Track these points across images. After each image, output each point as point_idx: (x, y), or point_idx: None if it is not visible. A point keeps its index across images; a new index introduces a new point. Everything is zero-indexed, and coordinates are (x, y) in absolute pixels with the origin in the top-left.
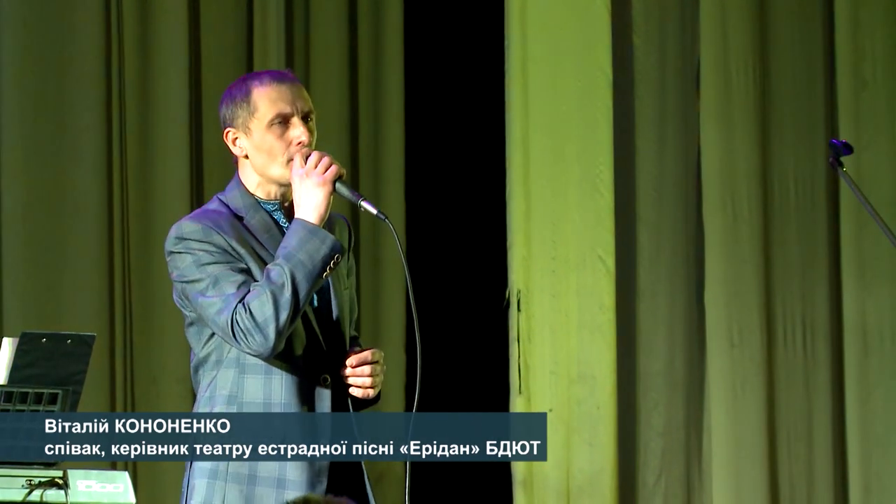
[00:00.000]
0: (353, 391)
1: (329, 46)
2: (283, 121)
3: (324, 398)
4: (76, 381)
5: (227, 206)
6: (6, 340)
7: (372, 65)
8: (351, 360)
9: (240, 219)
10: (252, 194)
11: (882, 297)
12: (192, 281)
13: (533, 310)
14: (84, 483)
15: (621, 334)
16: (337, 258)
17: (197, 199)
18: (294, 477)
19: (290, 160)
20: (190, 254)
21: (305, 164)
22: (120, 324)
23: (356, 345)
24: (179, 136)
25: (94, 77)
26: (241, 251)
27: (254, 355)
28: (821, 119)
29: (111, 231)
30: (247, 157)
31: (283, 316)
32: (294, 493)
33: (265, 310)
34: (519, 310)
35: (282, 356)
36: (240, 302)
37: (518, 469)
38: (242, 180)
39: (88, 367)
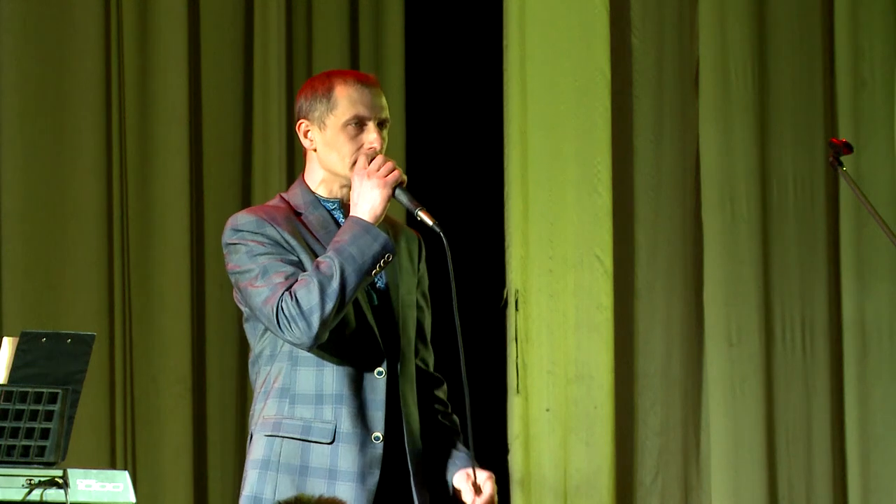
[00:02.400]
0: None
1: (329, 46)
2: (359, 123)
3: (378, 390)
4: (76, 380)
5: (287, 203)
6: (6, 340)
7: (372, 65)
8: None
9: (298, 214)
10: (314, 192)
11: (881, 297)
12: (244, 271)
13: (530, 309)
14: (84, 482)
15: (619, 334)
16: (388, 257)
17: (197, 199)
18: (345, 468)
19: (356, 162)
20: (243, 245)
21: (369, 164)
22: (120, 323)
23: (435, 380)
24: (179, 136)
25: (94, 77)
26: (294, 244)
27: (296, 345)
28: (819, 119)
29: (111, 231)
30: (315, 150)
31: (329, 306)
32: (346, 484)
33: (311, 298)
34: (516, 309)
35: (335, 349)
36: (286, 290)
37: (515, 468)
38: (306, 177)
39: (88, 367)
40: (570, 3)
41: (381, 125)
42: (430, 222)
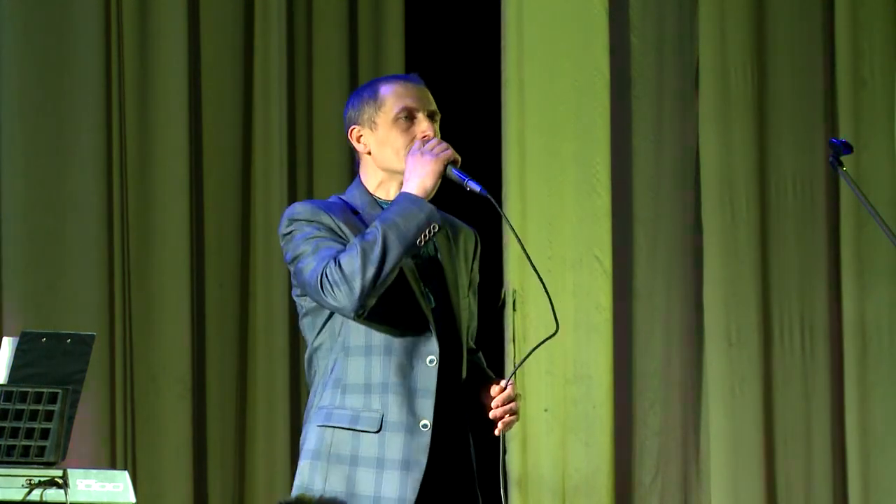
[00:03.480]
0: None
1: (329, 46)
2: (409, 115)
3: (429, 379)
4: (76, 380)
5: (345, 202)
6: (6, 340)
7: (372, 65)
8: (497, 398)
9: (355, 213)
10: (372, 193)
11: (881, 297)
12: (297, 255)
13: (528, 309)
14: (84, 482)
15: (618, 334)
16: (433, 227)
17: (197, 199)
18: (392, 456)
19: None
20: (299, 230)
21: (424, 146)
22: (120, 323)
23: (475, 356)
24: (179, 136)
25: (94, 77)
26: (348, 233)
27: (340, 311)
28: (819, 118)
29: (111, 230)
30: (370, 153)
31: (371, 271)
32: (393, 472)
33: (354, 263)
34: (514, 309)
35: (388, 338)
36: (332, 258)
37: (514, 468)
38: (363, 180)
39: (88, 367)
40: (569, 2)
41: (431, 116)
42: (478, 190)
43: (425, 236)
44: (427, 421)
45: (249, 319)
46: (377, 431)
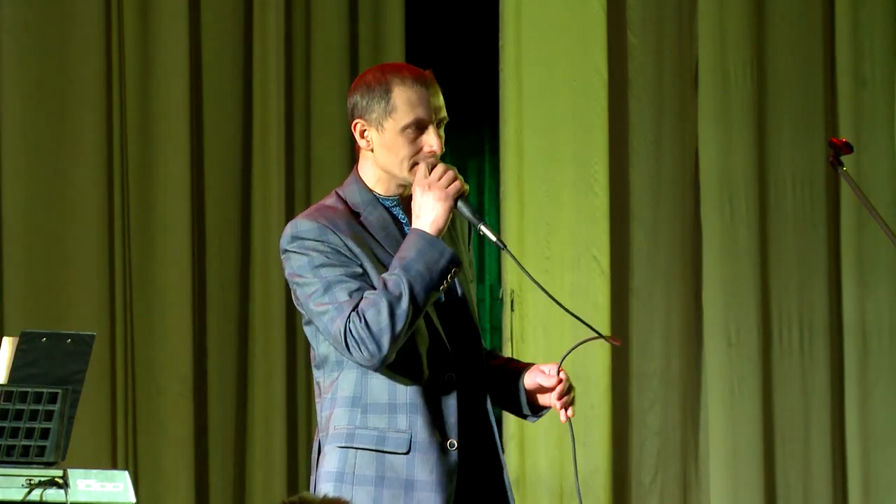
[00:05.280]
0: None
1: (329, 46)
2: (419, 126)
3: (450, 397)
4: (76, 380)
5: (345, 202)
6: (6, 340)
7: (372, 65)
8: (556, 390)
9: (357, 215)
10: (371, 189)
11: (881, 297)
12: (305, 284)
13: (526, 309)
14: (84, 482)
15: (616, 334)
16: (455, 271)
17: (197, 198)
18: (423, 477)
19: (415, 165)
20: (304, 254)
21: (430, 173)
22: (120, 323)
23: (492, 352)
24: (180, 136)
25: (94, 77)
26: (357, 251)
27: (365, 366)
28: (819, 118)
29: (112, 230)
30: (371, 150)
31: (399, 327)
32: (423, 493)
33: (381, 319)
34: (512, 309)
35: (405, 356)
36: (353, 310)
37: (511, 468)
38: (361, 174)
39: (88, 367)
40: (567, 2)
41: (439, 125)
42: (493, 238)
43: (448, 281)
44: (454, 440)
45: (249, 319)
46: (406, 453)
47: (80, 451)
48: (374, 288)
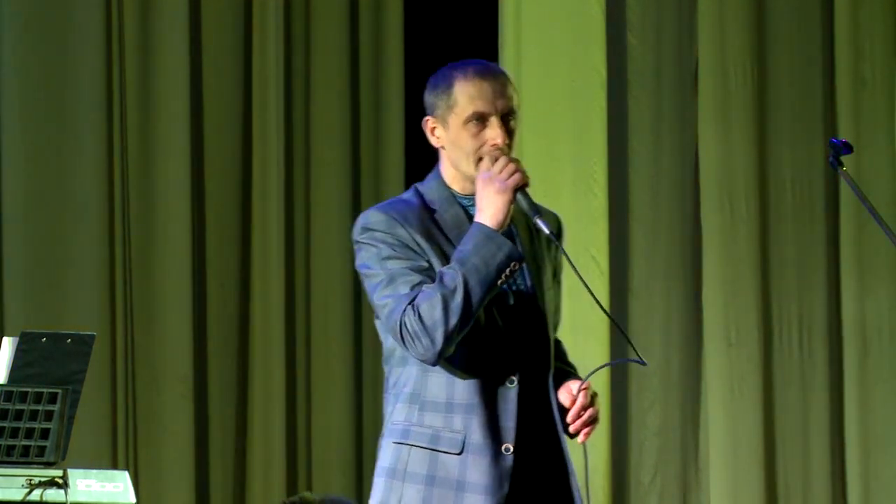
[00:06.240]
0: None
1: (329, 46)
2: (481, 119)
3: (509, 400)
4: (76, 380)
5: (422, 198)
6: (6, 340)
7: (372, 65)
8: (572, 411)
9: (432, 211)
10: (449, 187)
11: (881, 297)
12: (370, 275)
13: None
14: (84, 482)
15: (614, 334)
16: (514, 265)
17: (198, 199)
18: (474, 480)
19: (481, 159)
20: (373, 245)
21: (493, 166)
22: (121, 323)
23: (559, 348)
24: (180, 136)
25: (94, 77)
26: (425, 246)
27: (421, 360)
28: (819, 118)
29: (112, 230)
30: (443, 148)
31: (453, 321)
32: (473, 496)
33: (434, 314)
34: None
35: (466, 355)
36: (410, 304)
37: None
38: (441, 171)
39: (89, 367)
40: (566, 3)
41: (505, 117)
42: (546, 231)
43: (506, 276)
44: (509, 445)
45: (250, 319)
46: (459, 453)
47: (80, 451)
48: None
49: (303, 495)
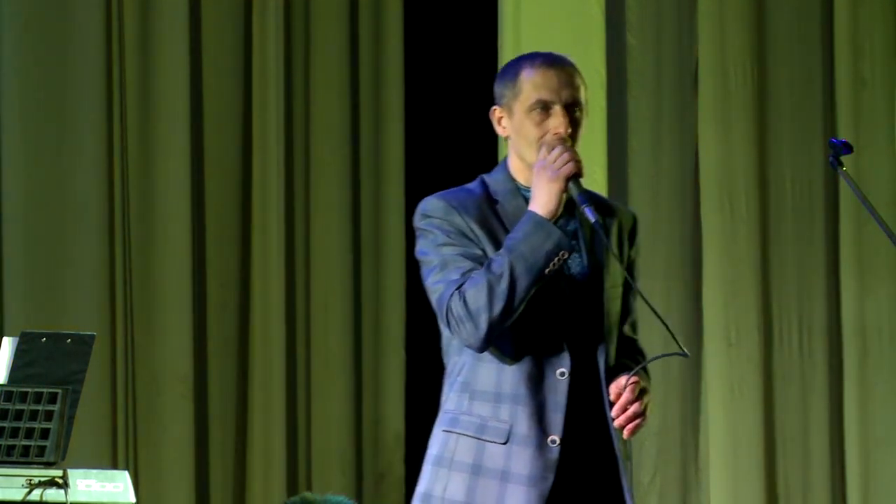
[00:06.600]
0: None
1: (329, 46)
2: (544, 107)
3: (559, 392)
4: (76, 380)
5: (486, 188)
6: (6, 340)
7: (372, 65)
8: (616, 406)
9: (494, 202)
10: (514, 178)
11: (881, 297)
12: (426, 261)
13: None
14: (84, 482)
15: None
16: (562, 254)
17: (198, 198)
18: (518, 470)
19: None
20: (430, 232)
21: (548, 155)
22: (121, 323)
23: (633, 346)
24: (180, 136)
25: (94, 77)
26: (481, 234)
27: (467, 346)
28: (819, 118)
29: (112, 230)
30: (509, 137)
31: (497, 307)
32: (517, 487)
33: (479, 299)
34: None
35: (517, 348)
36: (458, 289)
37: None
38: (508, 162)
39: (89, 367)
40: (566, 3)
41: (569, 107)
42: (592, 219)
43: (554, 265)
44: (556, 437)
45: (250, 319)
46: (504, 443)
47: (80, 451)
48: None
49: (303, 495)
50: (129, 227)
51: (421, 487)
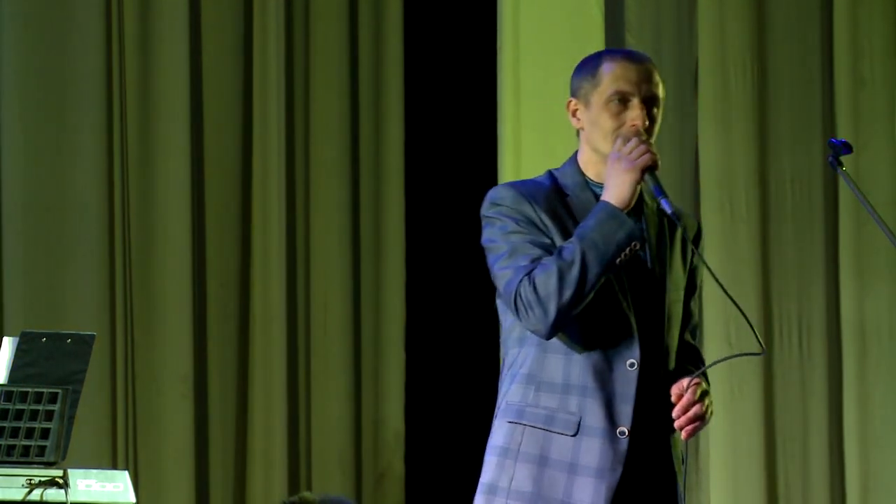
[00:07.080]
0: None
1: (329, 46)
2: (623, 99)
3: (629, 383)
4: (76, 380)
5: (555, 181)
6: (6, 340)
7: (372, 65)
8: (678, 407)
9: (563, 195)
10: (583, 173)
11: (880, 297)
12: (493, 248)
13: None
14: (84, 482)
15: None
16: (634, 245)
17: (198, 198)
18: (587, 462)
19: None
20: (498, 219)
21: (624, 146)
22: (121, 322)
23: (694, 352)
24: (180, 136)
25: (94, 77)
26: (550, 225)
27: (534, 332)
28: (819, 118)
29: (112, 230)
30: (583, 129)
31: (567, 294)
32: (585, 479)
33: (549, 284)
34: None
35: (586, 338)
36: (527, 274)
37: None
38: (578, 156)
39: (88, 367)
40: (565, 4)
41: (648, 102)
42: (668, 211)
43: (626, 255)
44: (625, 428)
45: (250, 319)
46: (573, 435)
47: (80, 451)
48: None
49: (303, 495)
50: (129, 227)
51: (485, 478)
